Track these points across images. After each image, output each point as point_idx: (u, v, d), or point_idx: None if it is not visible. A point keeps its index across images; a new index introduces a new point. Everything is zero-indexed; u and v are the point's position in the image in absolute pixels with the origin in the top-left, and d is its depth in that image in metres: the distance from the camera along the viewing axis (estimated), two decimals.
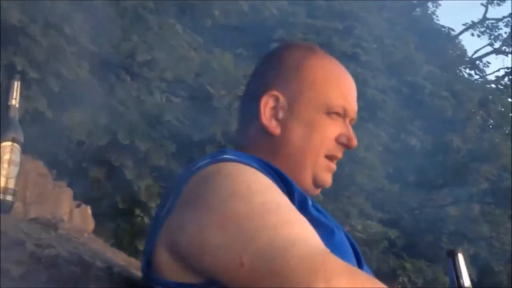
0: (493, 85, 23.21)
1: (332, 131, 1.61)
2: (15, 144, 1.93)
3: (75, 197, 5.04)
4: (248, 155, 1.50)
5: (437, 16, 25.26)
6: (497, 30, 25.33)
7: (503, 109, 19.71)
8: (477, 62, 24.84)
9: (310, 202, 1.52)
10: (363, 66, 11.93)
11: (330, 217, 1.64)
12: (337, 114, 1.61)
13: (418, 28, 19.49)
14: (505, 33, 25.48)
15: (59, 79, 4.87)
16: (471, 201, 17.09)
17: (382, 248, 13.00)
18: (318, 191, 1.65)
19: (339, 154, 1.64)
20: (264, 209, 1.28)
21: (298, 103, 1.60)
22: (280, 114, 1.60)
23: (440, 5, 26.89)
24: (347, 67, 1.74)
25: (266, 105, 1.60)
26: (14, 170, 1.94)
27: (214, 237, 1.28)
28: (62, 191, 4.32)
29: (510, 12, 25.79)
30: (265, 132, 1.61)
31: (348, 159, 10.94)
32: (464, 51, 25.21)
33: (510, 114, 19.59)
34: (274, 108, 1.61)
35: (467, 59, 24.48)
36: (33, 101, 4.61)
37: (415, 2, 24.75)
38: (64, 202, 4.31)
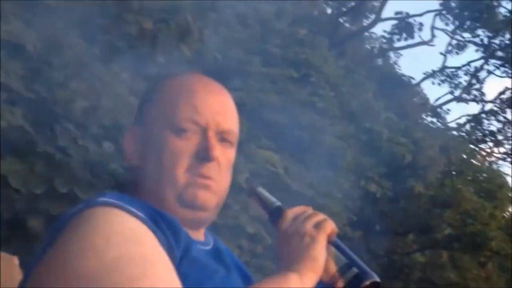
0: (454, 132, 23.50)
1: (181, 148, 1.52)
2: None
3: (9, 250, 4.90)
4: (128, 198, 1.44)
5: (398, 66, 25.68)
6: (457, 78, 25.79)
7: (465, 156, 19.88)
8: (438, 109, 25.19)
9: (197, 246, 1.48)
10: (320, 114, 11.94)
11: (228, 257, 1.59)
12: (185, 130, 1.52)
13: (379, 76, 19.70)
14: (465, 81, 25.95)
15: None
16: (437, 247, 17.09)
17: None
18: (199, 214, 1.54)
19: (205, 170, 1.53)
20: (114, 265, 1.22)
21: (149, 127, 1.56)
22: (139, 146, 1.56)
23: (401, 55, 27.29)
24: (304, 115, 1.69)
25: (127, 142, 1.58)
26: None
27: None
28: None
29: (468, 60, 26.26)
30: (130, 168, 1.57)
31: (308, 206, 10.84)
32: (426, 99, 25.56)
33: (471, 160, 19.80)
34: (135, 142, 1.57)
35: (429, 106, 24.78)
36: None
37: (376, 52, 25.14)
38: None
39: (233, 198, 7.03)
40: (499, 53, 24.68)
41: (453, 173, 18.83)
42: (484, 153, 25.36)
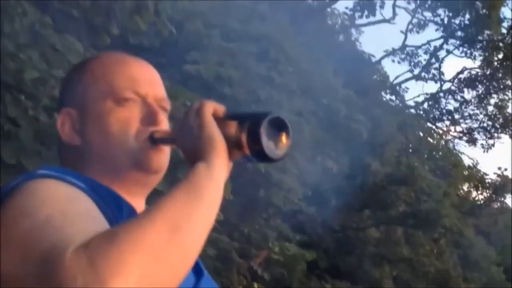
0: (412, 110, 23.74)
1: (127, 116, 1.54)
2: None
3: None
4: (67, 170, 1.44)
5: (360, 43, 25.77)
6: (416, 57, 25.98)
7: (421, 134, 20.13)
8: (397, 87, 25.39)
9: None
10: (278, 89, 11.95)
11: None
12: (127, 99, 1.55)
13: (339, 53, 19.74)
14: (424, 60, 26.16)
15: None
16: (391, 223, 17.31)
17: (302, 271, 12.98)
18: (154, 177, 1.57)
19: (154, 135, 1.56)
20: (46, 221, 1.20)
21: (86, 105, 1.57)
22: (77, 126, 1.57)
23: (363, 32, 27.39)
24: (262, 90, 1.63)
25: (62, 124, 1.58)
26: None
27: (3, 262, 1.21)
28: None
29: (428, 39, 26.44)
30: (70, 148, 1.57)
31: (263, 181, 10.93)
32: (386, 77, 25.73)
33: (428, 139, 20.05)
34: (71, 123, 1.57)
35: (388, 84, 24.96)
36: None
37: (337, 28, 25.17)
38: None
39: None
40: (459, 33, 24.92)
41: (410, 151, 19.06)
42: (440, 132, 25.70)
